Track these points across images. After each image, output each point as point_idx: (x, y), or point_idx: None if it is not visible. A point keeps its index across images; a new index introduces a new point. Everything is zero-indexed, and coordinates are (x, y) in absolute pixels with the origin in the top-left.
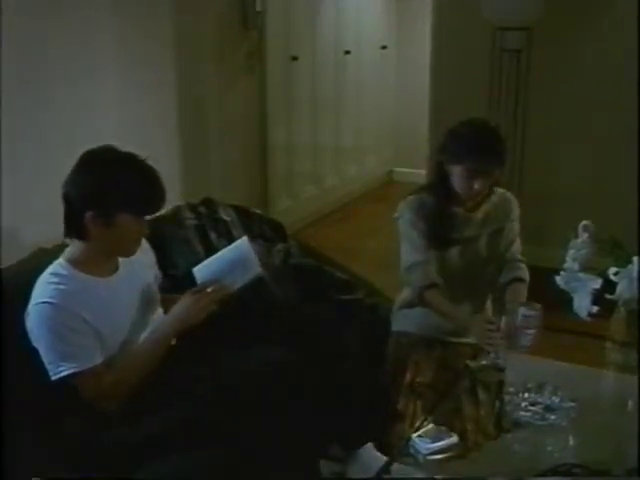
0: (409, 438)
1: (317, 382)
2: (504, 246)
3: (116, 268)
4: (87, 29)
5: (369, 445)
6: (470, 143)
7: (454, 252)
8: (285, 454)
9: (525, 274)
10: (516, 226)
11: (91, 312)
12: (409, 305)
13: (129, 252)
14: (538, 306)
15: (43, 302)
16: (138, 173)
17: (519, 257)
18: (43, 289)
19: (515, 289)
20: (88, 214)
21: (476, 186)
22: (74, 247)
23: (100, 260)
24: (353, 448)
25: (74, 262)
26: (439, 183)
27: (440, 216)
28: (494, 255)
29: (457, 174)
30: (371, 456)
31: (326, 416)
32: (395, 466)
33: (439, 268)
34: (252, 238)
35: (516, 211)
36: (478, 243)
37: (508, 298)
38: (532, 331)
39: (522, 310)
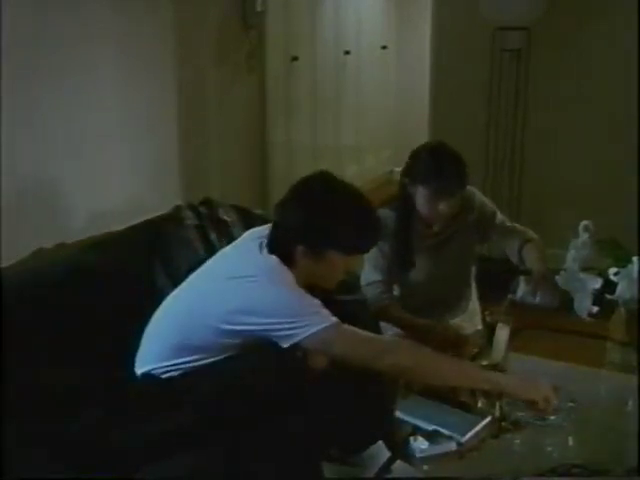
0: (408, 440)
1: (316, 383)
2: (480, 237)
3: None
4: (87, 29)
5: (380, 443)
6: (432, 166)
7: (421, 264)
8: (285, 456)
9: (531, 233)
10: (486, 206)
11: None
12: None
13: (330, 286)
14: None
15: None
16: (356, 211)
17: (510, 224)
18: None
19: (530, 251)
20: (299, 248)
21: (440, 207)
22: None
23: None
24: (354, 451)
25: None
26: (403, 204)
27: (403, 239)
28: (467, 251)
29: (420, 196)
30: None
31: (326, 418)
32: (398, 464)
33: (408, 282)
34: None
35: (478, 198)
36: (444, 247)
37: (529, 264)
38: (538, 297)
39: (513, 297)
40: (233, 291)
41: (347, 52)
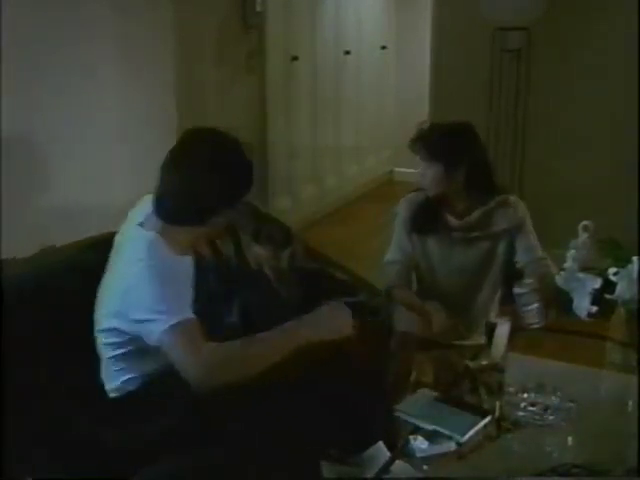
0: (408, 440)
1: (317, 384)
2: (510, 250)
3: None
4: (87, 29)
5: (380, 443)
6: (417, 132)
7: (444, 256)
8: (285, 455)
9: (552, 269)
10: (524, 229)
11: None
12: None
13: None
14: (531, 282)
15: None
16: (232, 160)
17: (540, 255)
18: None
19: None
20: (190, 209)
21: (421, 170)
22: (163, 227)
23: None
24: (354, 451)
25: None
26: None
27: (425, 211)
28: (493, 261)
29: None
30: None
31: (326, 418)
32: (398, 464)
33: (429, 271)
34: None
35: (520, 214)
36: (472, 245)
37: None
38: (532, 307)
39: (515, 289)
40: (115, 292)
41: (347, 52)
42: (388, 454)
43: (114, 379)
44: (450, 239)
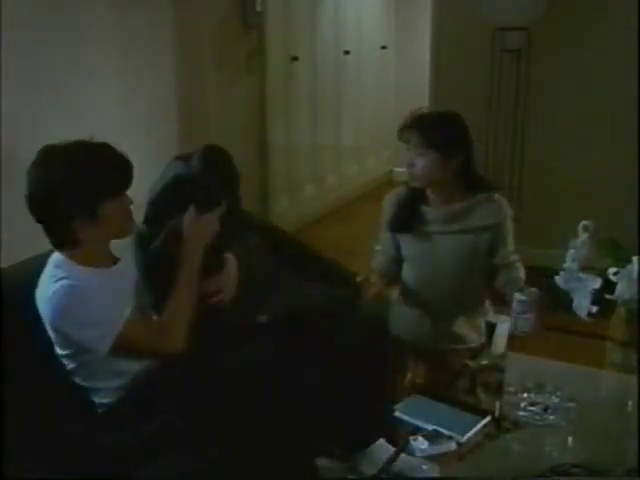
0: (408, 440)
1: (315, 383)
2: (489, 247)
3: (114, 260)
4: (86, 29)
5: (381, 442)
6: (411, 119)
7: (427, 250)
8: (283, 454)
9: (522, 274)
10: (505, 228)
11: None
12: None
13: (125, 234)
14: (533, 291)
15: (62, 284)
16: (101, 155)
17: (512, 259)
18: (53, 282)
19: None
20: (76, 222)
21: (408, 167)
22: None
23: (96, 253)
24: (354, 450)
25: (73, 258)
26: None
27: (404, 206)
28: (477, 256)
29: None
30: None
31: (324, 417)
32: (403, 457)
33: (413, 266)
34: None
35: (503, 212)
36: (453, 242)
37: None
38: (528, 315)
39: (517, 296)
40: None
41: (347, 52)
42: (389, 453)
43: (96, 397)
44: (432, 233)
